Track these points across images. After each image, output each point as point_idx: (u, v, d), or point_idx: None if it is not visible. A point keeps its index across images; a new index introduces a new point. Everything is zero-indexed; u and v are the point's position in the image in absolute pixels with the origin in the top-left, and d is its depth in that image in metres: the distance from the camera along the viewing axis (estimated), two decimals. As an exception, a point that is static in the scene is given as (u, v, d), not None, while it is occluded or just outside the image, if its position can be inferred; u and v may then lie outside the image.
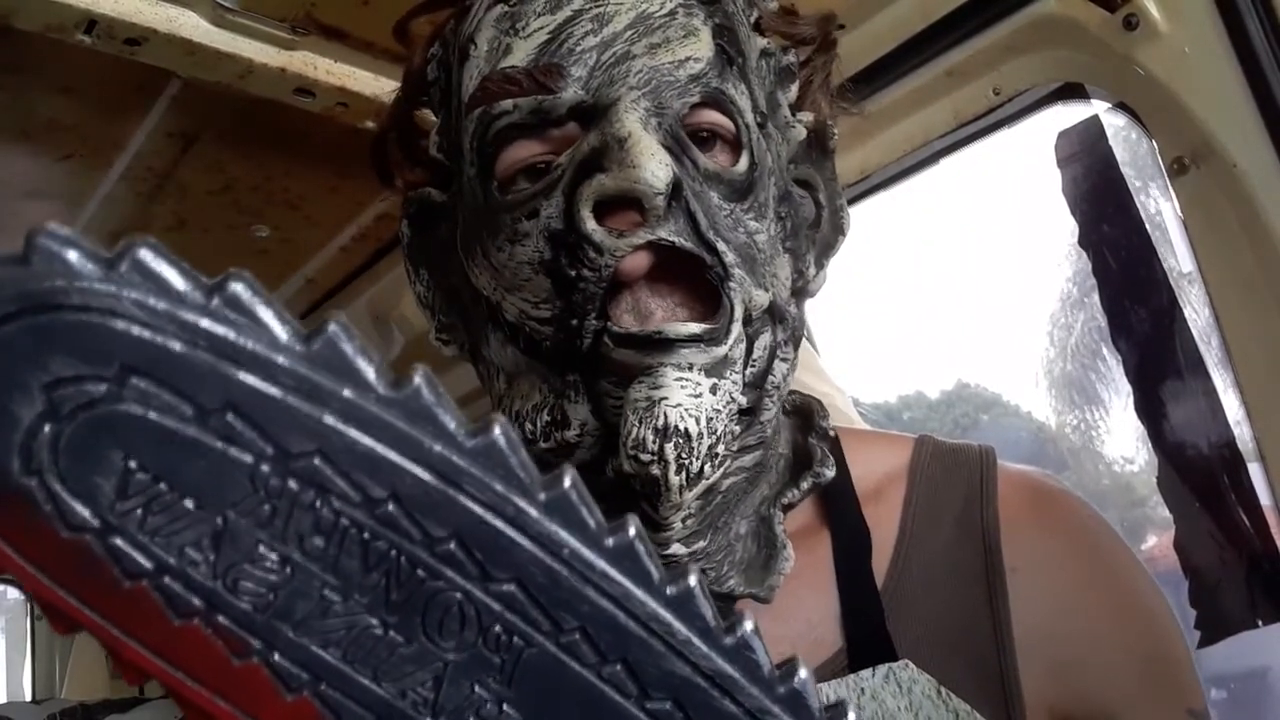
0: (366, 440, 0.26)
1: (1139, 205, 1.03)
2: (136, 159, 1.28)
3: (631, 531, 0.28)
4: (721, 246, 0.55)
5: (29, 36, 0.99)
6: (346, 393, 0.25)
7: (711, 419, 0.53)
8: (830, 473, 0.63)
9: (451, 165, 0.65)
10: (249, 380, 0.25)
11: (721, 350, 0.54)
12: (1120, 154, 1.02)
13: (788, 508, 0.62)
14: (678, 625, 0.28)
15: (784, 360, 0.61)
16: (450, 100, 0.64)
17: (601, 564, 0.28)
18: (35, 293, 0.23)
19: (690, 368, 0.53)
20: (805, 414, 0.68)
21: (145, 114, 1.20)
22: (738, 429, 0.57)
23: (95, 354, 0.24)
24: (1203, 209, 0.89)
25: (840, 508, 0.66)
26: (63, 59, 1.06)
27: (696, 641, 0.28)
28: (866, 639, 0.61)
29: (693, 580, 0.29)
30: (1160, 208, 1.03)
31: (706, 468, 0.53)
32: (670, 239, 0.54)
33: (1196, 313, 0.98)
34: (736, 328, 0.55)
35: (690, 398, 0.52)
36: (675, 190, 0.54)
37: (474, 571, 0.27)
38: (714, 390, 0.54)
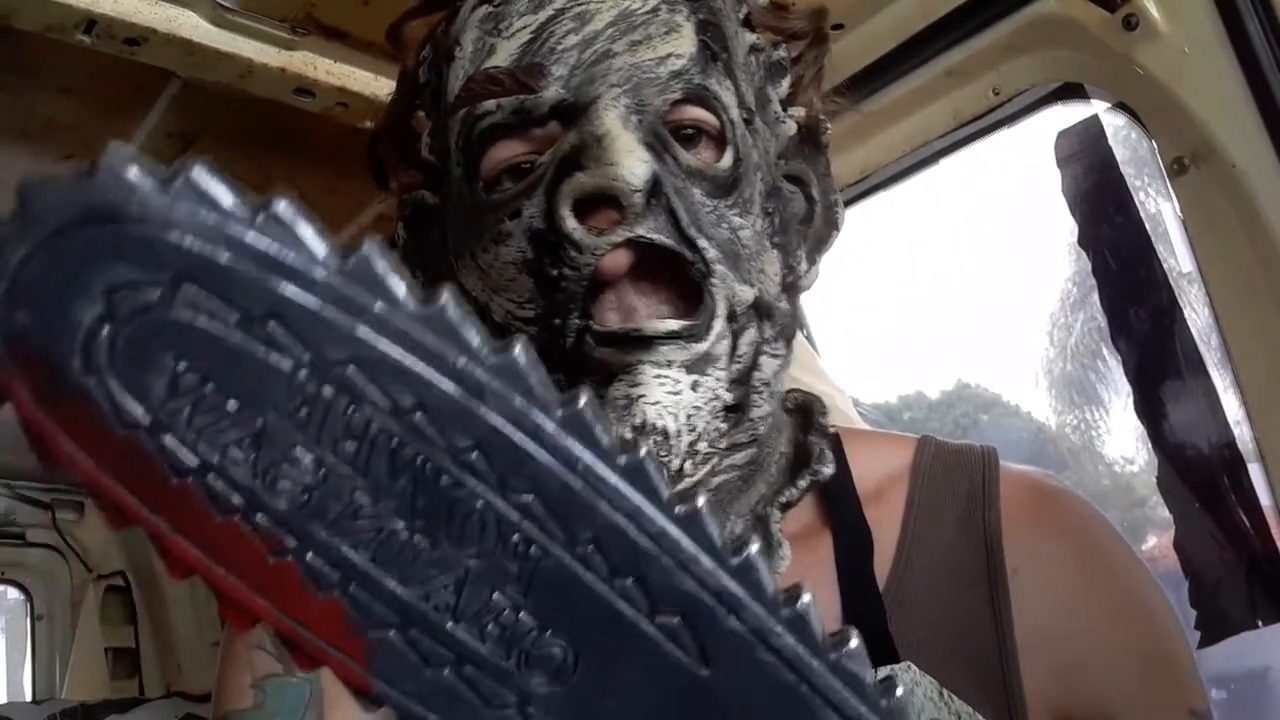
0: (396, 351, 0.27)
1: (1139, 205, 1.03)
2: (137, 159, 1.28)
3: (643, 451, 0.29)
4: (703, 243, 0.55)
5: (29, 36, 0.99)
6: (379, 306, 0.27)
7: (691, 416, 0.53)
8: (829, 470, 0.63)
9: (442, 167, 0.65)
10: (290, 291, 0.26)
11: (702, 347, 0.54)
12: (1120, 154, 1.02)
13: (786, 507, 0.62)
14: (685, 542, 0.29)
15: (773, 356, 0.61)
16: (440, 102, 0.64)
17: (614, 479, 0.29)
18: (98, 204, 0.25)
19: (669, 365, 0.53)
20: (806, 412, 0.68)
21: (145, 114, 1.20)
22: (724, 426, 0.56)
23: (151, 262, 0.25)
24: (1203, 209, 0.89)
25: (841, 508, 0.66)
26: (63, 59, 1.06)
27: (704, 559, 0.29)
28: (868, 641, 0.60)
29: (700, 501, 0.30)
30: (1160, 207, 1.03)
31: (687, 465, 0.53)
32: (649, 236, 0.54)
33: (1196, 313, 0.98)
34: (719, 324, 0.55)
35: (669, 395, 0.53)
36: (655, 187, 0.54)
37: (494, 481, 0.28)
38: (695, 387, 0.53)
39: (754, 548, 0.30)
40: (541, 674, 0.29)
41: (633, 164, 0.52)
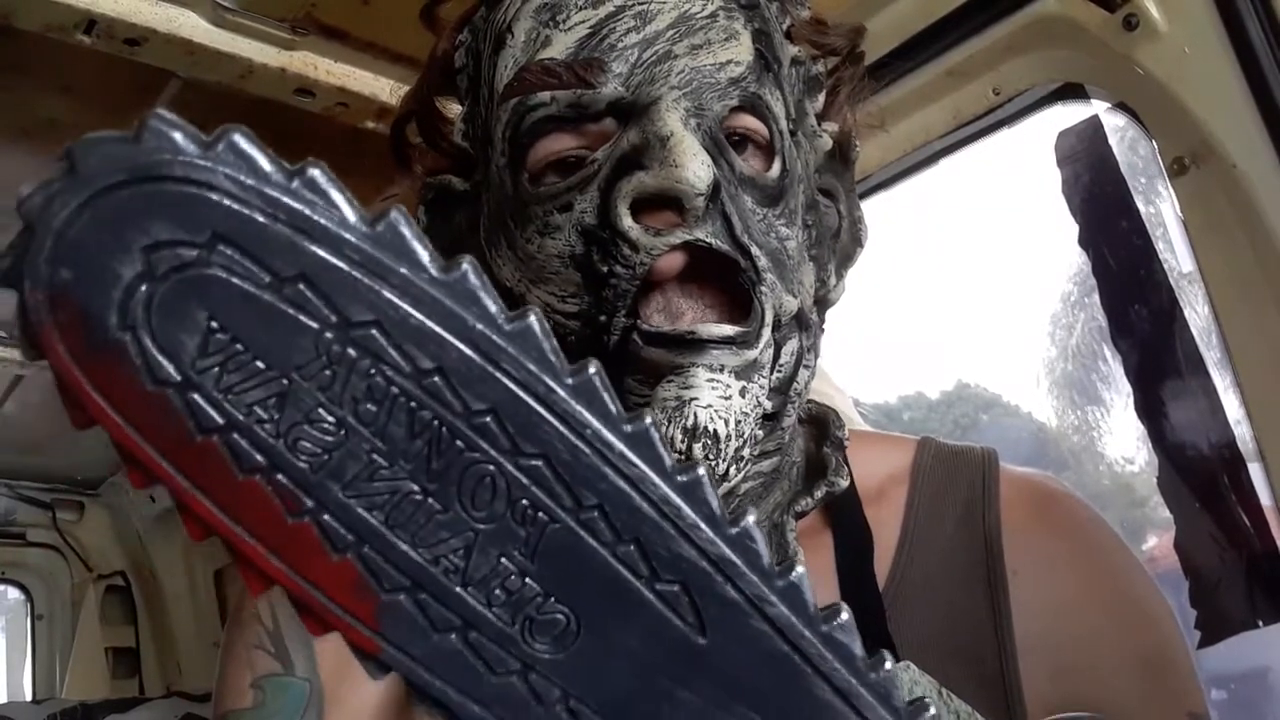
0: (418, 315, 0.28)
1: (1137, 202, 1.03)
2: (137, 159, 1.28)
3: (648, 420, 0.30)
4: (755, 250, 0.55)
5: (29, 36, 0.99)
6: (404, 270, 0.28)
7: (740, 421, 0.53)
8: (844, 483, 0.63)
9: (476, 154, 0.64)
10: (320, 253, 0.27)
11: (752, 354, 0.54)
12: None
13: (800, 515, 0.62)
14: (686, 509, 0.30)
15: (807, 368, 0.61)
16: (479, 88, 0.63)
17: (620, 445, 0.29)
18: (144, 164, 0.26)
19: (721, 369, 0.53)
20: (821, 423, 0.68)
21: (145, 114, 1.20)
22: (760, 434, 0.56)
23: (191, 221, 0.26)
24: (1203, 209, 0.89)
25: (843, 508, 0.66)
26: (63, 59, 1.06)
27: (703, 526, 0.30)
28: (868, 640, 0.61)
29: (701, 471, 0.30)
30: (1159, 207, 1.03)
31: (732, 470, 0.53)
32: (707, 240, 0.53)
33: (1196, 313, 0.98)
34: (767, 332, 0.55)
35: (720, 399, 0.52)
36: (713, 192, 0.53)
37: (506, 445, 0.29)
38: (743, 393, 0.53)
39: (751, 518, 0.31)
40: (545, 640, 0.30)
41: (697, 167, 0.52)
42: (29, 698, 2.58)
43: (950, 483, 0.67)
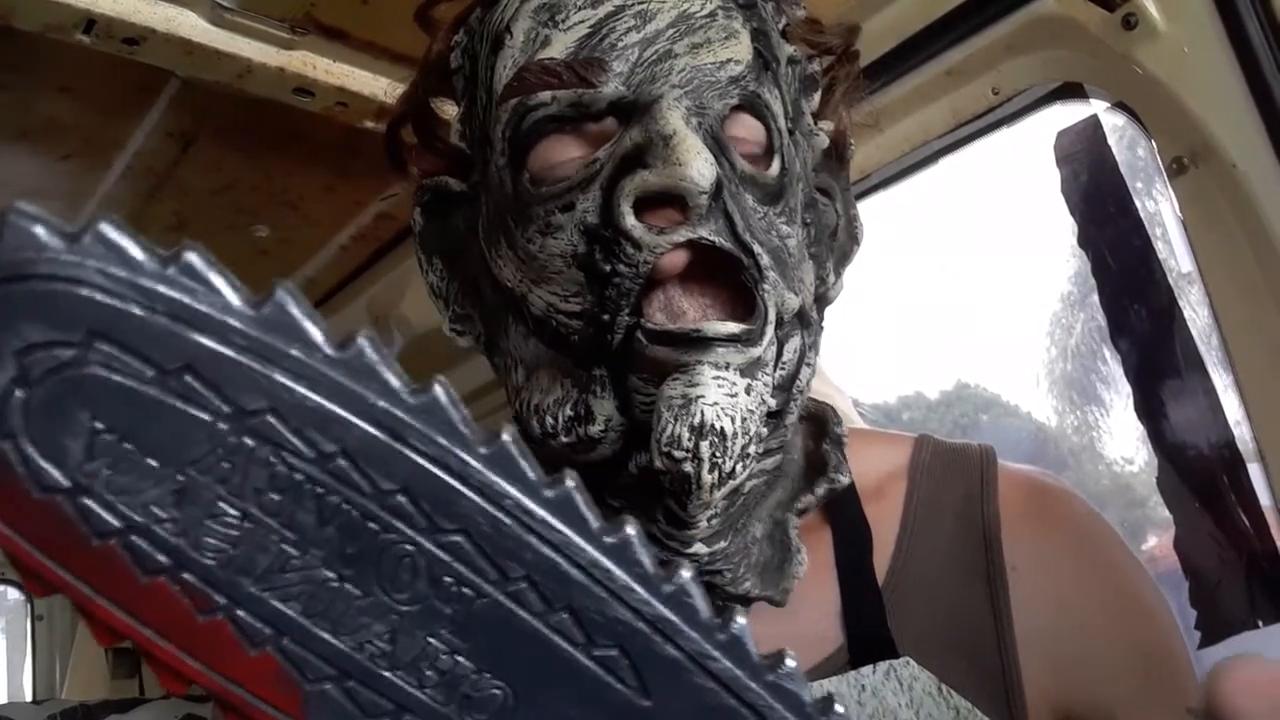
0: (315, 397, 0.27)
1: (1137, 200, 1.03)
2: (136, 159, 1.28)
3: (570, 483, 0.29)
4: (757, 248, 0.55)
5: (29, 36, 0.99)
6: (295, 352, 0.27)
7: (746, 419, 0.53)
8: (845, 479, 0.63)
9: (474, 154, 0.64)
10: (204, 342, 0.26)
11: (756, 351, 0.54)
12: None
13: (802, 513, 0.62)
14: (617, 571, 0.29)
15: (808, 365, 0.61)
16: (476, 90, 0.63)
17: (542, 513, 0.29)
18: (5, 264, 0.25)
19: (727, 367, 0.53)
20: (820, 421, 0.68)
21: (145, 114, 1.20)
22: (764, 431, 0.56)
23: (63, 320, 0.25)
24: (1202, 209, 0.89)
25: (841, 505, 0.66)
26: (63, 59, 1.06)
27: (636, 587, 0.29)
28: (867, 636, 0.61)
29: (630, 529, 0.30)
30: (1159, 207, 1.03)
31: (738, 467, 0.53)
32: (711, 238, 0.53)
33: (1196, 313, 0.98)
34: (770, 330, 0.55)
35: (726, 397, 0.52)
36: (715, 190, 0.54)
37: (423, 523, 0.28)
38: (749, 391, 0.53)
39: (685, 573, 0.30)
40: (482, 716, 0.29)
41: (701, 165, 0.52)
42: (29, 698, 2.58)
43: (948, 479, 0.67)
